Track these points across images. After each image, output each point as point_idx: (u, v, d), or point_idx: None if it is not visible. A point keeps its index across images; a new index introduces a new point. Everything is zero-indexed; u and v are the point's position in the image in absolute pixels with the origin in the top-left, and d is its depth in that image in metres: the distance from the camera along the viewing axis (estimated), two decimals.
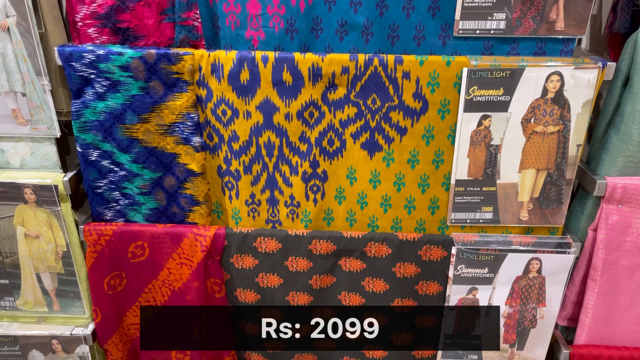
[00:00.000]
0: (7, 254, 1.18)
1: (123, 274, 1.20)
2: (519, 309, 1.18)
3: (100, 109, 1.06)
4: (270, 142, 1.10)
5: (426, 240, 1.14)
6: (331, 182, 1.14)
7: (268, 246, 1.16)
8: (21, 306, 1.24)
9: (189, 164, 1.12)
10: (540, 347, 1.22)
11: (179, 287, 1.20)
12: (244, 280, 1.21)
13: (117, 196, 1.16)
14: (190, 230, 1.15)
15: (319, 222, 1.19)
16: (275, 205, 1.17)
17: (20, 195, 1.11)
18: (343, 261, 1.18)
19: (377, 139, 1.09)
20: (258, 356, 1.31)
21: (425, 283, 1.19)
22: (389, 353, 1.27)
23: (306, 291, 1.21)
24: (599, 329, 1.17)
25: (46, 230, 1.15)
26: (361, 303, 1.22)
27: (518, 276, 1.14)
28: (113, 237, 1.15)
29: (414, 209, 1.15)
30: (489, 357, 1.25)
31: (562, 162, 1.08)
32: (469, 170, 1.09)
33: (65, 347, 1.24)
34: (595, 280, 1.13)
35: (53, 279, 1.21)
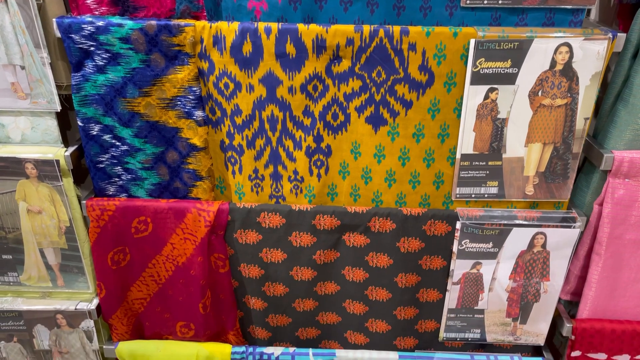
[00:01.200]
0: (9, 230, 1.18)
1: (127, 249, 1.20)
2: (523, 283, 1.18)
3: (101, 82, 1.05)
4: (273, 116, 1.08)
5: (430, 215, 1.14)
6: (335, 157, 1.13)
7: (272, 221, 1.16)
8: (25, 281, 1.24)
9: (192, 138, 1.11)
10: (543, 321, 1.22)
11: (183, 262, 1.20)
12: (248, 256, 1.21)
13: (120, 171, 1.15)
14: (194, 205, 1.15)
15: (323, 197, 1.18)
16: (279, 180, 1.17)
17: (21, 170, 1.10)
18: (347, 236, 1.18)
19: (381, 113, 1.07)
20: (262, 330, 1.32)
21: (429, 258, 1.19)
22: (392, 327, 1.27)
23: (310, 266, 1.21)
24: (602, 303, 1.18)
25: (48, 206, 1.14)
26: (365, 278, 1.22)
27: (522, 251, 1.14)
28: (116, 213, 1.15)
29: (419, 184, 1.15)
30: (492, 331, 1.25)
31: (569, 136, 1.06)
32: (474, 145, 1.08)
33: (70, 321, 1.25)
34: (599, 254, 1.13)
35: (56, 254, 1.21)
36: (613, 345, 1.18)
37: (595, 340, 1.18)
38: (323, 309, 1.29)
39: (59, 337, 1.27)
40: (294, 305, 1.27)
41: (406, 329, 1.28)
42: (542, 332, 1.24)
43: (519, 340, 1.26)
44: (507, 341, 1.27)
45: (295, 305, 1.27)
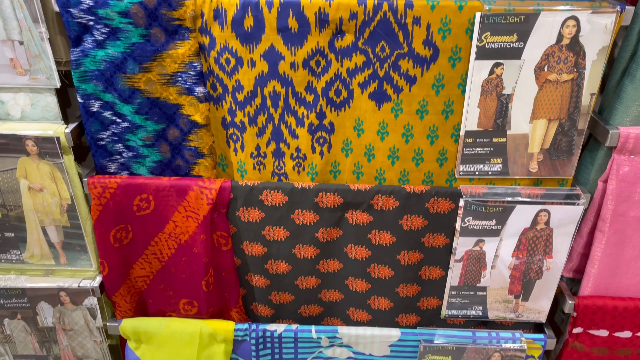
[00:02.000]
0: (11, 207, 1.17)
1: (129, 226, 1.20)
2: (526, 260, 1.18)
3: (100, 58, 1.03)
4: (275, 93, 1.07)
5: (434, 192, 1.13)
6: (338, 134, 1.12)
7: (274, 199, 1.15)
8: (28, 259, 1.25)
9: (193, 115, 1.09)
10: (545, 298, 1.22)
11: (186, 240, 1.20)
12: (251, 233, 1.21)
13: (121, 148, 1.14)
14: (196, 183, 1.14)
15: (326, 175, 1.17)
16: (281, 158, 1.16)
17: (22, 148, 1.10)
18: (350, 214, 1.17)
19: (385, 89, 1.06)
20: (265, 308, 1.32)
21: (432, 235, 1.19)
22: (395, 304, 1.28)
23: (312, 244, 1.21)
24: (604, 280, 1.18)
25: (50, 183, 1.14)
26: (367, 256, 1.22)
27: (525, 228, 1.14)
28: (117, 190, 1.14)
29: (422, 161, 1.14)
30: (494, 308, 1.26)
31: (574, 112, 1.05)
32: (479, 121, 1.07)
33: (73, 299, 1.25)
34: (603, 231, 1.13)
35: (59, 232, 1.21)
36: (614, 322, 1.19)
37: (597, 317, 1.19)
38: (325, 286, 1.29)
39: (62, 315, 1.28)
40: (297, 283, 1.27)
41: (408, 306, 1.29)
42: (543, 309, 1.25)
43: (521, 318, 1.27)
44: (508, 318, 1.27)
45: (297, 283, 1.27)
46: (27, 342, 1.32)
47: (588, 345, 1.22)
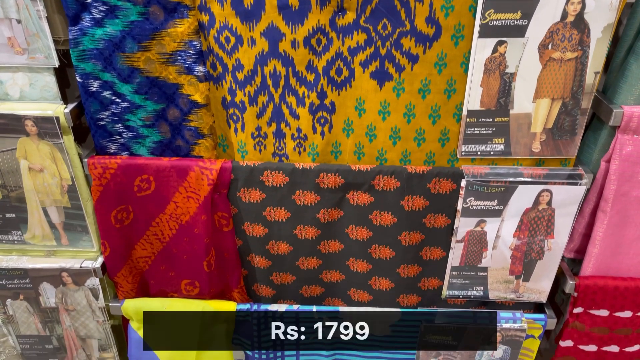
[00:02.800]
0: (12, 188, 1.17)
1: (130, 207, 1.20)
2: (527, 241, 1.18)
3: (99, 37, 1.02)
4: (276, 72, 1.06)
5: (435, 172, 1.13)
6: (339, 114, 1.11)
7: (275, 180, 1.15)
8: (29, 240, 1.25)
9: (193, 94, 1.09)
10: (546, 278, 1.23)
11: (187, 221, 1.20)
12: (252, 214, 1.21)
13: (121, 129, 1.13)
14: (196, 163, 1.14)
15: (327, 156, 1.17)
16: (282, 138, 1.15)
17: (21, 128, 1.09)
18: (351, 195, 1.17)
19: (387, 68, 1.05)
20: (266, 288, 1.33)
21: (433, 216, 1.19)
22: (396, 285, 1.28)
23: (314, 225, 1.21)
24: (605, 261, 1.18)
25: (50, 164, 1.13)
26: (368, 236, 1.22)
27: (527, 208, 1.14)
28: (118, 171, 1.14)
29: (424, 141, 1.13)
30: (495, 288, 1.26)
31: (578, 91, 1.04)
32: (481, 100, 1.06)
33: (76, 279, 1.25)
34: (605, 212, 1.12)
35: (60, 212, 1.21)
36: (615, 302, 1.19)
37: (597, 297, 1.19)
38: (327, 267, 1.29)
39: (65, 295, 1.28)
40: (298, 264, 1.28)
41: (409, 287, 1.29)
42: (544, 290, 1.25)
43: (522, 298, 1.27)
44: (509, 298, 1.28)
45: (299, 264, 1.28)
46: (30, 323, 1.33)
47: (588, 325, 1.23)
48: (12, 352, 1.40)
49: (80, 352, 1.38)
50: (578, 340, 1.25)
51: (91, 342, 1.36)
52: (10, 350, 1.39)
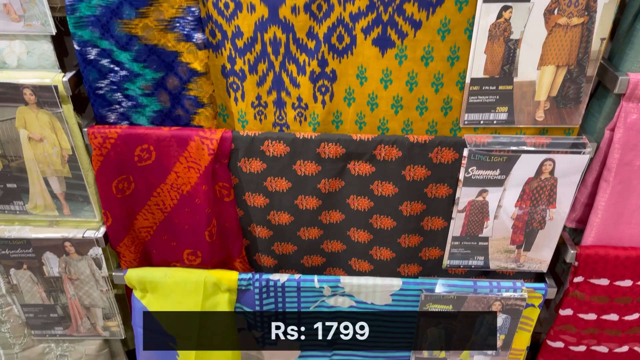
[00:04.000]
0: (12, 158, 1.17)
1: (131, 177, 1.19)
2: (529, 210, 1.17)
3: (96, 3, 1.00)
4: (276, 39, 1.04)
5: (437, 142, 1.12)
6: (340, 83, 1.10)
7: (276, 150, 1.14)
8: (31, 210, 1.25)
9: (192, 62, 1.07)
10: (547, 248, 1.23)
11: (188, 191, 1.20)
12: (253, 184, 1.20)
13: (120, 98, 1.12)
14: (197, 133, 1.13)
15: (328, 125, 1.16)
16: (283, 108, 1.14)
17: (20, 97, 1.08)
18: (352, 165, 1.16)
19: (389, 34, 1.03)
20: (268, 258, 1.33)
21: (435, 186, 1.18)
22: (397, 255, 1.29)
23: (315, 195, 1.21)
24: (607, 230, 1.18)
25: (50, 133, 1.13)
26: (370, 207, 1.22)
27: (530, 178, 1.13)
28: (118, 140, 1.13)
29: (426, 110, 1.12)
30: (496, 258, 1.26)
31: (583, 58, 1.02)
32: (485, 68, 1.04)
33: (78, 249, 1.26)
34: (608, 181, 1.12)
35: (61, 183, 1.20)
36: (616, 271, 1.20)
37: (598, 266, 1.19)
38: (328, 237, 1.29)
39: (68, 265, 1.29)
40: (299, 234, 1.28)
41: (410, 257, 1.30)
42: (545, 259, 1.25)
43: (522, 268, 1.28)
44: (510, 268, 1.28)
45: (300, 234, 1.28)
46: (34, 292, 1.34)
47: (588, 293, 1.24)
48: (17, 321, 1.42)
49: (85, 321, 1.39)
50: (578, 308, 1.26)
51: (95, 311, 1.38)
52: (15, 319, 1.41)
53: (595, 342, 1.30)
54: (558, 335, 1.32)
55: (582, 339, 1.30)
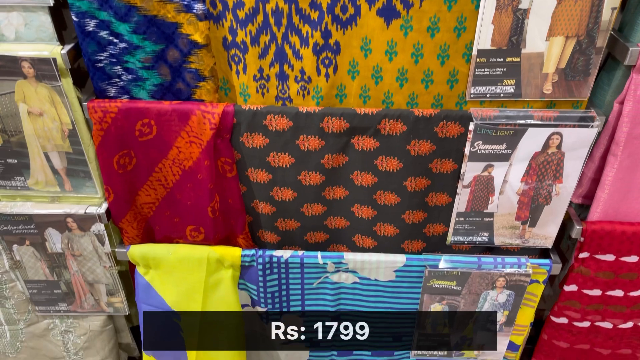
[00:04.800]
0: (12, 133, 1.15)
1: (132, 152, 1.18)
2: (535, 185, 1.16)
3: None
4: (278, 9, 1.02)
5: (443, 116, 1.10)
6: (344, 55, 1.07)
7: (278, 124, 1.13)
8: (32, 186, 1.24)
9: (192, 34, 1.05)
10: (553, 223, 1.21)
11: (190, 166, 1.19)
12: (255, 160, 1.19)
13: (120, 71, 1.10)
14: (198, 107, 1.11)
15: (331, 99, 1.14)
16: (285, 81, 1.12)
17: (18, 70, 1.06)
18: (356, 139, 1.15)
19: (394, 4, 1.00)
20: (271, 235, 1.33)
21: (439, 161, 1.17)
22: (400, 231, 1.28)
23: (318, 171, 1.19)
24: (614, 205, 1.16)
25: (49, 107, 1.11)
26: (374, 182, 1.21)
27: (536, 152, 1.11)
28: (119, 115, 1.12)
29: (432, 83, 1.10)
30: (500, 234, 1.25)
31: (593, 28, 1.00)
32: (492, 39, 1.02)
33: (81, 225, 1.26)
34: (616, 155, 1.10)
35: (62, 158, 1.19)
36: (622, 247, 1.18)
37: (604, 241, 1.18)
38: (331, 213, 1.29)
39: (71, 241, 1.29)
40: (302, 210, 1.27)
41: (414, 233, 1.29)
42: (550, 235, 1.24)
43: (527, 244, 1.27)
44: (514, 244, 1.27)
45: (303, 210, 1.27)
46: (37, 268, 1.34)
47: (593, 269, 1.23)
48: (21, 297, 1.42)
49: (89, 297, 1.40)
50: (583, 284, 1.26)
51: (99, 287, 1.38)
52: (19, 295, 1.42)
53: (599, 318, 1.30)
54: (562, 311, 1.31)
55: (587, 315, 1.30)
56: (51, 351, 1.53)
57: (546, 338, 1.38)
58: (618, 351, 1.35)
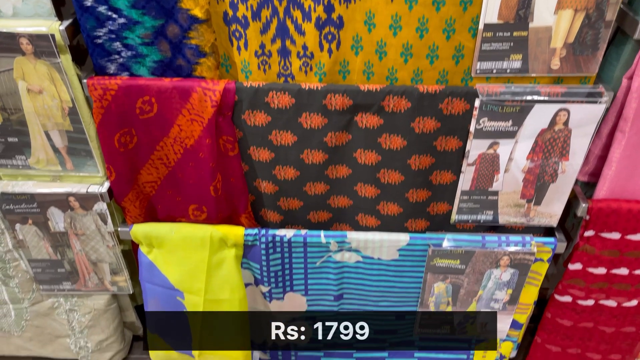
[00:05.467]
0: (12, 111, 1.14)
1: (133, 130, 1.17)
2: (541, 163, 1.15)
3: None
4: None
5: (448, 92, 1.08)
6: (347, 30, 1.05)
7: (281, 101, 1.11)
8: (34, 165, 1.23)
9: (192, 9, 1.03)
10: (558, 201, 1.20)
11: (191, 145, 1.18)
12: (257, 138, 1.18)
13: (119, 47, 1.08)
14: (199, 84, 1.10)
15: (334, 76, 1.12)
16: (287, 57, 1.10)
17: (16, 46, 1.05)
18: (359, 117, 1.13)
19: None
20: (274, 214, 1.32)
21: (444, 139, 1.15)
22: (404, 210, 1.27)
23: (321, 149, 1.18)
24: (621, 183, 1.15)
25: (49, 85, 1.10)
26: (377, 161, 1.19)
27: (543, 129, 1.10)
28: (119, 92, 1.10)
29: (437, 59, 1.08)
30: (505, 213, 1.24)
31: (603, 1, 0.97)
32: (499, 12, 0.99)
33: (83, 204, 1.25)
34: (623, 132, 1.08)
35: (62, 136, 1.18)
36: (628, 225, 1.17)
37: (610, 219, 1.17)
38: (334, 192, 1.28)
39: (73, 220, 1.28)
40: (305, 189, 1.26)
41: (418, 212, 1.28)
42: (556, 213, 1.23)
43: (532, 222, 1.26)
44: (519, 223, 1.26)
45: (306, 189, 1.26)
46: (40, 247, 1.34)
47: (599, 248, 1.22)
48: (25, 276, 1.42)
49: (93, 276, 1.40)
50: (587, 263, 1.25)
51: (102, 266, 1.38)
52: (23, 274, 1.42)
53: (604, 296, 1.30)
54: (566, 289, 1.31)
55: (591, 293, 1.29)
56: (56, 330, 1.55)
57: (550, 316, 1.38)
58: (622, 329, 1.35)
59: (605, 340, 1.38)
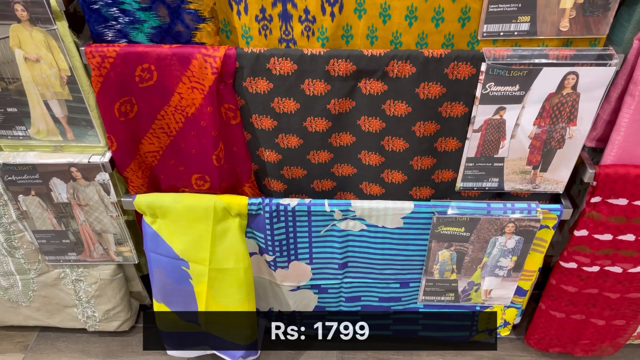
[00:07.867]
0: (10, 80, 1.13)
1: (133, 99, 1.15)
2: (548, 129, 1.12)
3: None
4: None
5: (454, 56, 1.05)
6: None
7: (283, 68, 1.09)
8: (34, 135, 1.22)
9: None
10: (565, 168, 1.19)
11: (193, 113, 1.16)
12: (259, 106, 1.16)
13: (116, 13, 1.06)
14: (199, 50, 1.07)
15: (337, 40, 1.09)
16: (289, 22, 1.07)
17: (11, 13, 1.02)
18: (363, 83, 1.11)
19: None
20: (277, 183, 1.31)
21: (449, 104, 1.13)
22: (408, 177, 1.26)
23: (324, 116, 1.16)
24: (629, 148, 1.13)
25: (46, 53, 1.08)
26: (381, 128, 1.18)
27: (551, 93, 1.07)
28: (117, 60, 1.08)
29: (443, 22, 1.05)
30: (511, 179, 1.23)
31: None
32: None
33: (85, 174, 1.24)
34: (633, 96, 1.06)
35: (62, 106, 1.17)
36: (635, 191, 1.16)
37: (617, 185, 1.15)
38: (338, 160, 1.26)
39: (76, 190, 1.28)
40: (309, 158, 1.25)
41: (422, 179, 1.27)
42: (562, 180, 1.21)
43: (538, 189, 1.24)
44: (525, 190, 1.25)
45: (309, 158, 1.25)
46: (44, 218, 1.34)
47: (605, 214, 1.21)
48: (30, 247, 1.43)
49: (98, 246, 1.40)
50: (594, 229, 1.24)
51: (107, 237, 1.38)
52: (29, 245, 1.43)
53: (609, 263, 1.29)
54: (571, 256, 1.31)
55: (596, 260, 1.29)
56: (63, 299, 1.56)
57: (554, 283, 1.38)
58: (627, 295, 1.35)
59: (610, 306, 1.38)
